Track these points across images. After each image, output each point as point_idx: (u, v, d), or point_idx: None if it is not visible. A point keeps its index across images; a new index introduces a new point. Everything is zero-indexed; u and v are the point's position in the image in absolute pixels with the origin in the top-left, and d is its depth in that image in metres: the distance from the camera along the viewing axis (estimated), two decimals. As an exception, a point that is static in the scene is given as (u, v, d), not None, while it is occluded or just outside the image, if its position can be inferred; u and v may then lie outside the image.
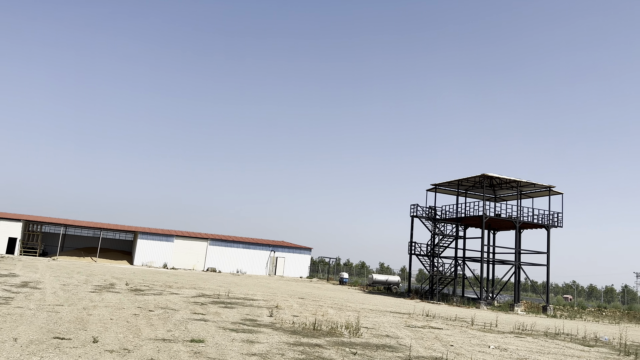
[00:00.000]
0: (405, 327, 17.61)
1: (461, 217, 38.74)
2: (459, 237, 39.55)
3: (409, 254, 40.42)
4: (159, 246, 61.93)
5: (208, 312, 16.98)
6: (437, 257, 39.22)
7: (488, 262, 41.75)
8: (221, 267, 63.75)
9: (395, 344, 13.35)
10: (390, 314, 22.98)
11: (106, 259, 61.89)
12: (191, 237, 63.53)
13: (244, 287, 33.71)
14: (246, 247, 65.90)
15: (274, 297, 26.00)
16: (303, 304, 23.36)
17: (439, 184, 41.19)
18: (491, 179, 39.87)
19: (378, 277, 47.18)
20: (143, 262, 60.59)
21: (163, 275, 39.24)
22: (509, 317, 29.39)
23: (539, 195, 41.31)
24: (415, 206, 40.47)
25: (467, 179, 38.99)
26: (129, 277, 32.84)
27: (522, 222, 37.50)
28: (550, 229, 38.20)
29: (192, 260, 63.26)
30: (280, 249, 67.48)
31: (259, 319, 16.23)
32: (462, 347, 14.03)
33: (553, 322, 28.09)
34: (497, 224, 40.63)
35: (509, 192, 42.83)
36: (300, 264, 68.02)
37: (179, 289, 26.58)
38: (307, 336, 13.13)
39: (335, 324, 16.24)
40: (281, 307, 20.70)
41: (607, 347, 17.19)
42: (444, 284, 38.89)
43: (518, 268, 39.14)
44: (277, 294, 29.39)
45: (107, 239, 69.69)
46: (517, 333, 19.39)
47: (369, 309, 24.80)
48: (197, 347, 10.28)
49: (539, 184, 37.95)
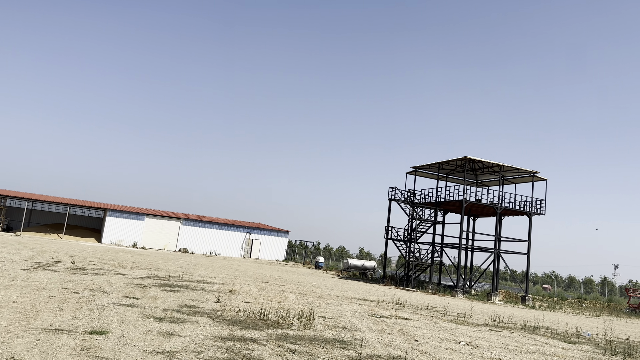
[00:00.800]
0: (368, 317, 15.73)
1: (440, 202, 36.99)
2: (437, 223, 37.85)
3: (385, 239, 38.64)
4: (129, 224, 59.50)
5: (145, 296, 14.91)
6: (414, 242, 37.51)
7: (467, 249, 40.16)
8: (194, 248, 61.59)
9: (350, 338, 11.44)
10: (357, 301, 21.14)
11: (74, 236, 59.35)
12: (163, 216, 61.15)
13: (209, 269, 31.66)
14: (221, 228, 63.75)
15: (234, 281, 24.00)
16: (263, 289, 21.39)
17: (419, 166, 39.35)
18: (473, 162, 38.09)
19: (353, 262, 45.45)
20: (112, 241, 58.18)
21: (125, 255, 37.00)
22: (486, 307, 27.79)
23: (522, 181, 39.69)
24: (393, 189, 38.62)
25: (449, 162, 37.19)
26: (84, 255, 30.59)
27: (504, 209, 35.86)
28: (532, 216, 36.65)
29: (164, 240, 61.00)
30: (256, 231, 65.46)
31: (200, 305, 14.20)
32: (428, 342, 12.18)
33: (532, 314, 26.54)
34: (477, 210, 39.00)
35: (491, 177, 41.16)
36: (276, 247, 66.12)
37: (131, 269, 24.44)
38: (247, 328, 11.16)
39: (289, 312, 14.30)
40: (236, 292, 18.71)
41: (591, 344, 15.51)
42: (420, 271, 37.24)
43: (497, 256, 37.61)
44: (241, 277, 27.40)
45: (77, 215, 67.03)
46: (493, 326, 17.65)
47: (336, 295, 22.94)
48: (92, 341, 8.22)
49: (522, 169, 36.28)
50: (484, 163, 37.78)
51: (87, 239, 58.62)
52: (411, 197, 38.91)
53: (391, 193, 38.92)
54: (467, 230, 37.88)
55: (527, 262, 36.09)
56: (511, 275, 38.33)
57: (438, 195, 37.38)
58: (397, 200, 38.01)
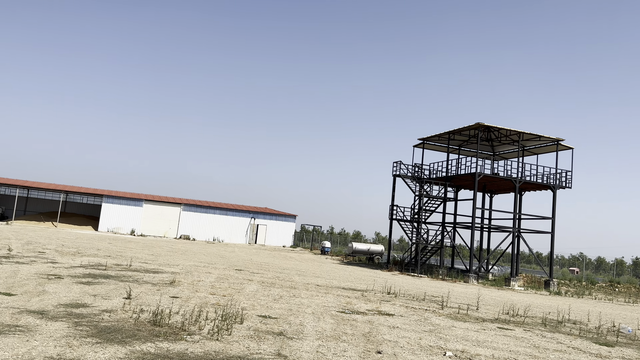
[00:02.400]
0: (334, 315, 11.90)
1: (451, 176, 32.74)
2: (447, 200, 33.61)
3: (390, 219, 34.58)
4: (126, 211, 56.56)
5: (32, 291, 11.34)
6: (422, 222, 33.42)
7: (481, 229, 35.88)
8: (196, 235, 58.45)
9: (271, 354, 7.61)
10: (338, 291, 17.31)
11: (70, 224, 56.76)
12: (162, 202, 58.05)
13: (186, 255, 28.20)
14: (224, 213, 60.43)
15: (197, 270, 20.41)
16: (223, 279, 17.70)
17: (427, 137, 35.06)
18: (489, 130, 33.67)
19: (358, 246, 41.58)
20: (109, 228, 55.35)
21: (104, 242, 33.77)
22: (501, 294, 23.68)
23: (544, 151, 35.11)
24: (398, 163, 34.46)
25: (460, 131, 32.84)
26: (48, 243, 27.35)
27: (524, 182, 31.45)
28: (556, 190, 32.16)
29: (164, 227, 57.96)
30: (261, 215, 61.96)
31: (95, 303, 10.58)
32: (398, 354, 8.29)
33: (556, 302, 22.34)
34: (494, 185, 34.63)
35: (510, 147, 36.65)
36: (283, 232, 62.58)
37: (82, 257, 21.01)
38: (109, 341, 7.46)
39: (224, 311, 10.58)
40: (178, 284, 15.06)
41: (635, 347, 11.42)
42: (430, 254, 33.18)
43: (517, 236, 33.30)
44: (214, 265, 23.79)
45: (75, 203, 64.52)
46: (504, 321, 13.65)
47: (316, 284, 19.14)
48: None
49: (545, 136, 31.74)
50: (500, 131, 33.35)
51: (83, 227, 55.96)
52: (418, 172, 34.73)
53: (395, 168, 34.81)
54: (482, 207, 33.59)
55: (552, 242, 31.72)
56: (536, 257, 33.90)
57: (448, 169, 33.13)
58: (403, 176, 33.87)
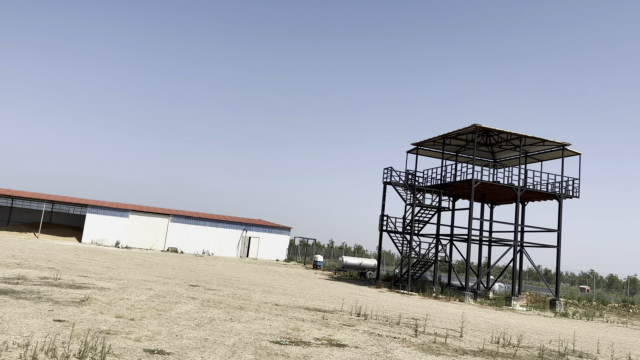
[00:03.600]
0: (262, 348, 9.09)
1: (446, 184, 29.86)
2: (442, 209, 30.64)
3: (380, 230, 31.66)
4: (111, 222, 54.05)
5: None
6: (414, 234, 30.50)
7: (480, 242, 32.83)
8: (184, 248, 55.78)
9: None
10: (300, 312, 14.48)
11: (53, 235, 54.32)
12: (150, 213, 55.51)
13: (156, 268, 25.50)
14: (214, 224, 57.75)
15: (143, 286, 17.65)
16: (161, 298, 14.93)
17: (421, 142, 32.25)
18: (487, 134, 30.86)
19: (350, 261, 38.61)
20: (93, 240, 52.85)
21: (69, 254, 31.14)
22: (498, 316, 20.66)
23: (549, 157, 32.18)
24: (389, 170, 31.64)
25: (457, 135, 30.05)
26: (1, 253, 24.76)
27: (526, 190, 28.49)
28: (562, 200, 29.16)
29: (151, 239, 55.34)
30: (254, 227, 59.22)
31: None
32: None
33: (561, 326, 19.29)
34: (493, 194, 31.69)
35: (512, 154, 33.74)
36: (277, 245, 59.75)
37: (16, 268, 18.31)
38: None
39: (92, 344, 7.80)
40: (93, 302, 12.30)
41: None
42: (423, 269, 30.17)
43: (520, 250, 30.27)
44: (174, 280, 21.04)
45: (60, 213, 62.21)
46: (490, 354, 10.78)
47: (280, 303, 16.30)
48: None
49: (549, 140, 28.86)
50: (500, 135, 30.53)
51: (67, 238, 53.47)
52: (411, 179, 31.89)
53: (386, 175, 31.99)
54: (481, 218, 30.60)
55: (557, 256, 28.64)
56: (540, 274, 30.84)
57: (443, 176, 30.27)
58: (394, 184, 31.03)
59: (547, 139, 28.89)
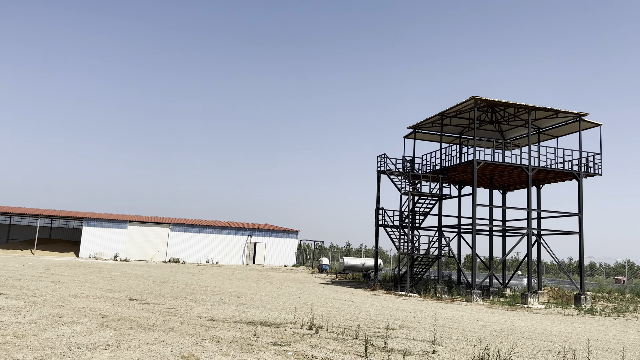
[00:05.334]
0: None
1: (445, 168, 26.22)
2: (443, 198, 26.95)
3: (376, 225, 28.13)
4: (109, 234, 51.70)
5: None
6: (413, 228, 26.94)
7: (490, 233, 28.95)
8: (186, 257, 53.05)
9: None
10: (235, 327, 11.25)
11: (51, 250, 52.28)
12: (149, 223, 52.99)
13: (125, 280, 22.60)
14: (217, 231, 54.90)
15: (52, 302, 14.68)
16: (57, 317, 11.86)
17: (419, 124, 28.68)
18: (492, 109, 27.13)
19: (351, 262, 35.16)
20: (90, 254, 50.57)
21: (38, 269, 28.54)
22: (506, 318, 16.98)
23: (565, 132, 28.25)
24: (383, 157, 28.12)
25: (456, 112, 26.43)
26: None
27: (538, 169, 24.65)
28: (582, 179, 25.21)
29: (151, 250, 52.77)
30: (259, 233, 56.16)
31: None
32: None
33: (581, 327, 15.53)
34: (504, 178, 27.87)
35: (523, 132, 29.87)
36: (284, 250, 56.54)
37: None
38: None
39: None
40: None
41: None
42: (425, 267, 26.53)
43: (537, 239, 26.39)
44: (119, 292, 18.03)
45: (60, 228, 60.30)
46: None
47: (219, 318, 13.09)
48: None
49: (563, 110, 24.98)
50: (507, 110, 26.77)
51: (64, 254, 51.33)
52: (408, 166, 28.34)
53: (381, 163, 28.49)
54: (490, 205, 26.75)
55: (580, 243, 24.66)
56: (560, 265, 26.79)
57: (443, 159, 26.66)
58: (388, 173, 27.50)
59: (560, 110, 25.03)
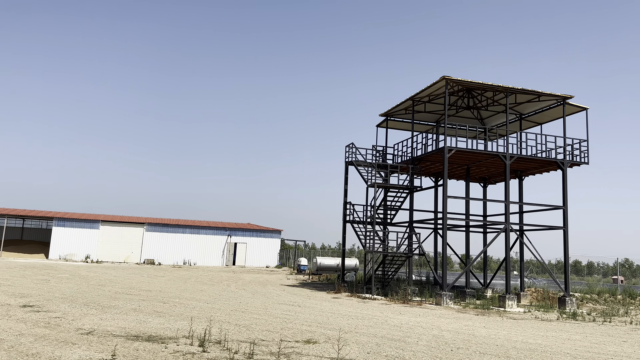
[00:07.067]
0: None
1: (416, 157, 23.79)
2: (415, 190, 24.48)
3: (343, 221, 25.68)
4: (80, 234, 49.30)
5: None
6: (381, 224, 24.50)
7: (467, 228, 26.46)
8: (162, 258, 50.62)
9: None
10: (124, 344, 8.83)
11: (20, 252, 49.92)
12: (122, 223, 50.59)
13: (63, 283, 20.18)
14: (195, 231, 52.48)
15: None
16: None
17: (390, 111, 26.26)
18: (469, 93, 24.68)
19: (325, 262, 32.77)
20: (61, 255, 48.19)
21: None
22: (469, 325, 14.52)
23: (549, 118, 25.80)
24: (351, 147, 25.68)
25: (427, 95, 24.01)
26: None
27: (516, 157, 22.17)
28: (566, 168, 22.74)
29: (125, 251, 50.35)
30: (240, 232, 53.74)
31: None
32: None
33: (556, 336, 13.06)
34: (482, 169, 25.40)
35: (504, 118, 27.41)
36: (266, 250, 54.13)
37: None
38: None
39: None
40: None
41: None
42: (396, 266, 24.08)
43: (517, 236, 23.93)
44: (26, 298, 15.63)
45: (32, 229, 58.05)
46: None
47: (106, 330, 10.67)
48: None
49: (546, 93, 22.54)
50: (484, 95, 24.33)
51: (34, 255, 48.98)
52: (380, 156, 25.93)
53: (349, 153, 26.04)
54: (467, 197, 24.23)
55: (564, 240, 22.18)
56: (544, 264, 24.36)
57: (415, 148, 24.23)
58: (356, 164, 25.05)
59: (542, 92, 22.58)
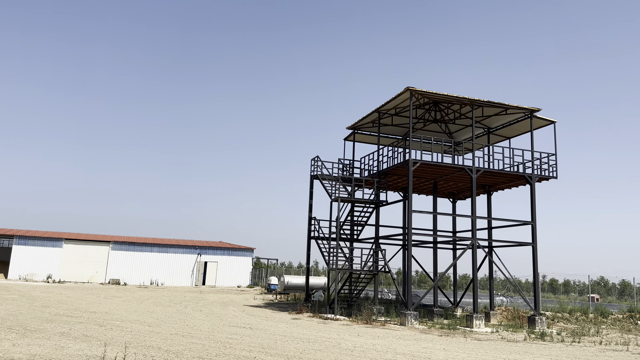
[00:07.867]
0: None
1: (382, 171, 22.99)
2: (380, 204, 23.63)
3: (308, 238, 24.65)
4: (42, 253, 47.31)
5: None
6: (347, 240, 23.53)
7: (435, 245, 25.63)
8: (128, 279, 48.77)
9: None
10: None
11: (-23, 273, 47.64)
12: (87, 241, 48.76)
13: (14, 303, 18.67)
14: (163, 250, 50.81)
15: None
16: None
17: (357, 124, 25.51)
18: (436, 106, 24.06)
19: (293, 281, 31.62)
20: (21, 275, 46.09)
21: None
22: (425, 348, 13.55)
23: (518, 132, 25.29)
24: (316, 161, 24.79)
25: (393, 107, 23.32)
26: None
27: (482, 171, 21.50)
28: (534, 182, 22.13)
29: (89, 270, 48.42)
30: (210, 251, 52.24)
31: None
32: None
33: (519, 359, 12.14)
34: (449, 183, 24.69)
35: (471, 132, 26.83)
36: (238, 269, 52.68)
37: None
38: None
39: None
40: None
41: None
42: (361, 284, 23.06)
43: (486, 254, 23.17)
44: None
45: (-5, 248, 55.65)
46: None
47: None
48: None
49: (513, 105, 22.02)
50: (451, 107, 23.74)
51: (-9, 276, 46.77)
52: (348, 170, 25.08)
53: (314, 167, 25.14)
54: (434, 212, 23.45)
55: (534, 256, 21.47)
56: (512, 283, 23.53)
57: (380, 161, 23.44)
58: (321, 177, 24.14)
59: (509, 105, 22.07)
